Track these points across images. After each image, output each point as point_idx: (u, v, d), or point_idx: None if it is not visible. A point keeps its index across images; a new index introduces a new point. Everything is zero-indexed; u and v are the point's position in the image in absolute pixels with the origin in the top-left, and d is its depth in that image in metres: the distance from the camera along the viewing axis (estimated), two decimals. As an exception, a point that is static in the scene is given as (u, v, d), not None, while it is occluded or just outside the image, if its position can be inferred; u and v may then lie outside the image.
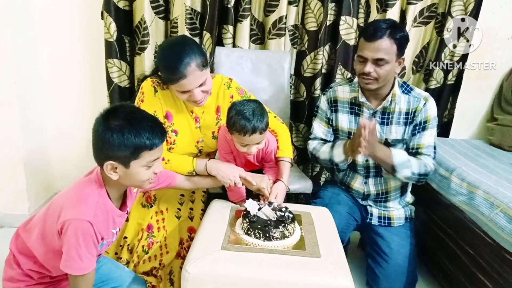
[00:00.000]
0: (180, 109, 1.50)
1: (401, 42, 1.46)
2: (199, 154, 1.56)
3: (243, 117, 1.33)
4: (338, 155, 1.59)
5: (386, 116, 1.59)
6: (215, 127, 1.57)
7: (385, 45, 1.43)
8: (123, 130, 0.99)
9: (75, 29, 2.15)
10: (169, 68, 1.32)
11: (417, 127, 1.57)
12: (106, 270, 1.27)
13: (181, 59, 1.29)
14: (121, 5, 2.01)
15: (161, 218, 1.54)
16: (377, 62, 1.45)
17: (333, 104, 1.68)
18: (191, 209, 1.58)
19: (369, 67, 1.46)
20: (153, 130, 1.04)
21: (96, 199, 1.05)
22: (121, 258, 1.48)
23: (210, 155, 1.65)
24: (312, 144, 1.73)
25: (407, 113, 1.57)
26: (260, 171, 1.62)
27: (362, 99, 1.59)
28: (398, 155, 1.52)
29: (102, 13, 2.00)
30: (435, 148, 1.58)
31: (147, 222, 1.51)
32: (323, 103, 1.71)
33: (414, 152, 1.58)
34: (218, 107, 1.56)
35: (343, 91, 1.67)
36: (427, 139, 1.56)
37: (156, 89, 1.45)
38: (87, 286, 1.06)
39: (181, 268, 1.48)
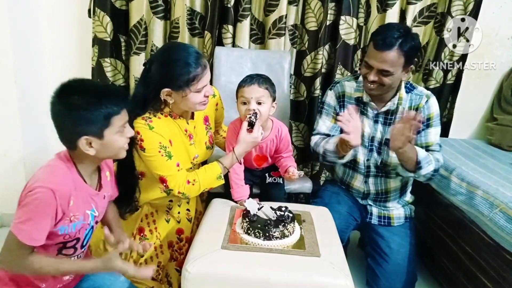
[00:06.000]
0: (175, 133, 1.44)
1: (410, 54, 1.42)
2: (192, 168, 1.52)
3: (248, 75, 1.47)
4: (331, 144, 1.55)
5: (389, 117, 1.59)
6: (206, 137, 1.56)
7: (392, 57, 1.40)
8: (88, 103, 0.98)
9: (75, 28, 2.15)
10: (192, 62, 1.29)
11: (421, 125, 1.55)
12: (99, 278, 1.22)
13: (197, 51, 1.33)
14: (117, 4, 2.01)
15: (151, 220, 1.53)
16: (382, 72, 1.43)
17: (342, 99, 1.65)
18: (178, 212, 1.58)
19: (373, 76, 1.44)
20: (115, 95, 1.05)
21: (63, 171, 1.03)
22: None
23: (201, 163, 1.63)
24: (313, 139, 1.67)
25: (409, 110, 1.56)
26: (271, 168, 1.62)
27: (366, 99, 1.58)
28: (420, 151, 1.48)
29: (89, 11, 2.00)
30: (440, 146, 1.58)
31: (137, 224, 1.51)
32: (330, 98, 1.66)
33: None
34: (206, 116, 1.57)
35: (350, 87, 1.64)
36: (434, 137, 1.56)
37: (150, 126, 1.34)
38: (19, 260, 0.99)
39: (175, 269, 1.50)
